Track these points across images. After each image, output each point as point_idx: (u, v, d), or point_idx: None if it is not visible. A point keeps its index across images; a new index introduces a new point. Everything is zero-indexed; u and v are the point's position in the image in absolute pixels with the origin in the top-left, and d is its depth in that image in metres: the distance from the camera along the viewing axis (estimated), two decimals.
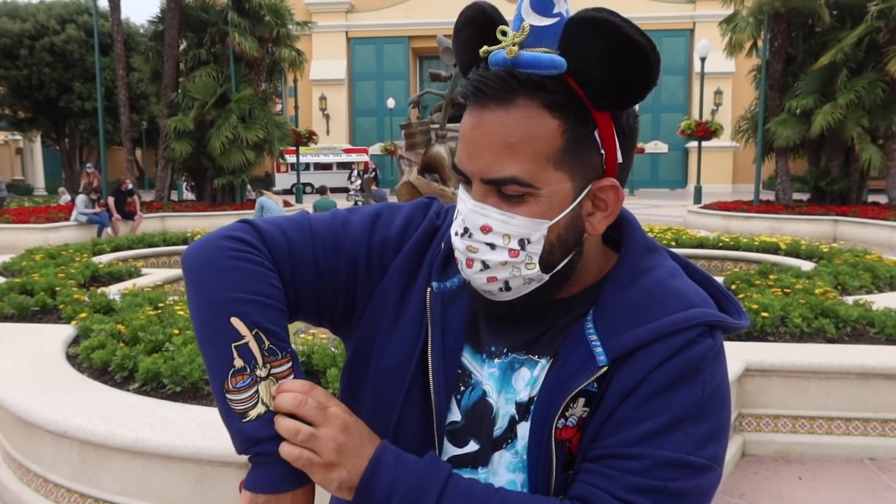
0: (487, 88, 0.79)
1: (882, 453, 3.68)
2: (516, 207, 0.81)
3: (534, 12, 0.79)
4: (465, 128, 0.82)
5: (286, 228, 0.95)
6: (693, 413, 0.81)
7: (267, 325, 0.84)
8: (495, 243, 0.82)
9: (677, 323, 0.83)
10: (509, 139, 0.79)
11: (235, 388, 0.82)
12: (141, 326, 3.94)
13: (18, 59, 29.84)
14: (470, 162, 0.82)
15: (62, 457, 2.91)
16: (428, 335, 0.91)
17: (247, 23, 19.14)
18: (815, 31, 17.82)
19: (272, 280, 0.89)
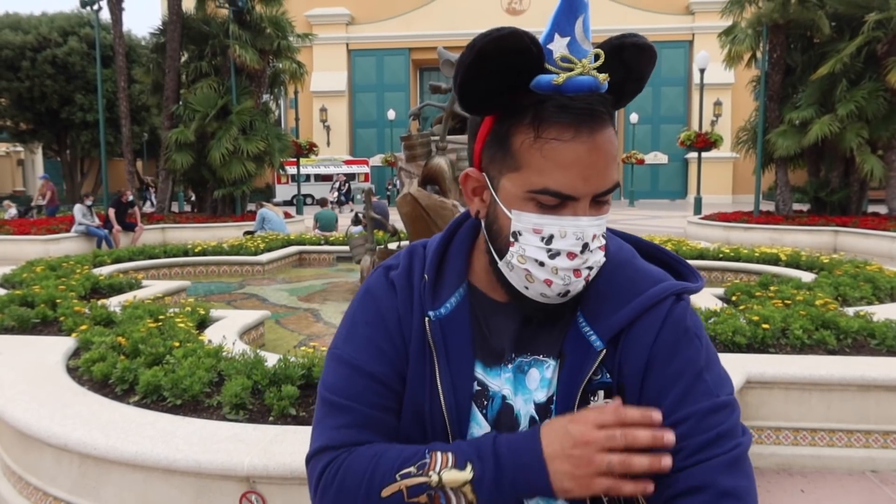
0: (598, 112, 0.86)
1: (884, 465, 3.67)
2: (604, 209, 0.92)
3: (587, 39, 0.88)
4: (575, 155, 0.86)
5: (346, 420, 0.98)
6: (703, 363, 0.94)
7: (386, 465, 0.90)
8: (598, 245, 0.91)
9: (653, 297, 0.95)
10: (615, 152, 0.89)
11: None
12: (141, 339, 3.94)
13: (20, 71, 29.93)
14: (588, 184, 0.87)
15: (62, 470, 2.91)
16: (434, 362, 0.96)
17: (248, 35, 19.22)
18: (813, 43, 17.89)
19: (373, 447, 0.94)
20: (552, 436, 0.86)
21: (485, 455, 0.87)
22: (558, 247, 0.88)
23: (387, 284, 1.03)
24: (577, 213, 0.88)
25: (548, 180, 0.86)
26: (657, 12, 40.38)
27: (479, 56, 0.84)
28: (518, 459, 0.86)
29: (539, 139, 0.86)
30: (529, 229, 0.89)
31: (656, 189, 41.20)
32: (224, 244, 10.41)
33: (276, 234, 11.92)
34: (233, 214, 19.50)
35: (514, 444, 0.88)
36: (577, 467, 0.84)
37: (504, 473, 0.86)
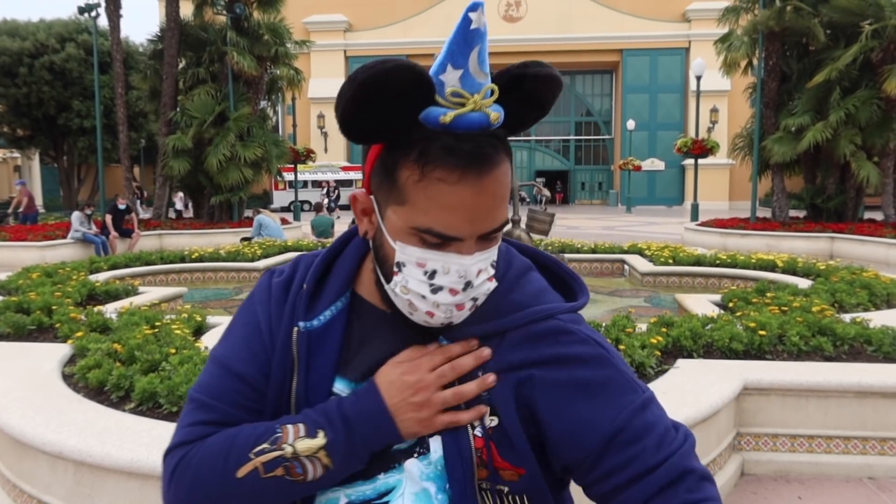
0: (485, 154, 0.83)
1: (881, 472, 3.67)
2: (493, 243, 0.90)
3: (482, 71, 0.83)
4: (460, 199, 0.83)
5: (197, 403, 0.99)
6: (610, 372, 0.94)
7: (239, 446, 0.91)
8: (483, 279, 0.90)
9: (507, 324, 0.94)
10: (506, 191, 0.87)
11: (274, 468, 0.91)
12: (137, 346, 3.93)
13: (18, 78, 29.95)
14: (473, 226, 0.85)
15: (57, 478, 2.89)
16: (294, 373, 0.96)
17: (245, 42, 19.27)
18: (809, 50, 17.98)
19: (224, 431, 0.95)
20: (391, 389, 0.91)
21: (334, 419, 0.91)
22: (441, 282, 0.87)
23: (267, 290, 1.04)
24: (461, 251, 0.86)
25: (432, 221, 0.84)
26: (654, 20, 40.55)
27: (362, 89, 0.79)
28: (366, 417, 0.91)
29: (424, 178, 0.83)
30: (413, 262, 0.87)
31: (653, 195, 41.28)
32: (221, 250, 10.40)
33: (273, 241, 11.91)
34: (230, 220, 19.50)
35: (358, 404, 0.92)
36: (420, 411, 0.91)
37: (355, 433, 0.91)
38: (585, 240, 11.65)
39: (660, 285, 8.56)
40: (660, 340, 4.08)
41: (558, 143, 47.01)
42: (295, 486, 0.92)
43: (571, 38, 40.59)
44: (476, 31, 0.81)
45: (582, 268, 9.88)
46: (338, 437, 0.90)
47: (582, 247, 10.44)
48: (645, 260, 9.37)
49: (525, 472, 0.92)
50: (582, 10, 40.77)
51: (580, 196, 46.85)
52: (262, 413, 0.97)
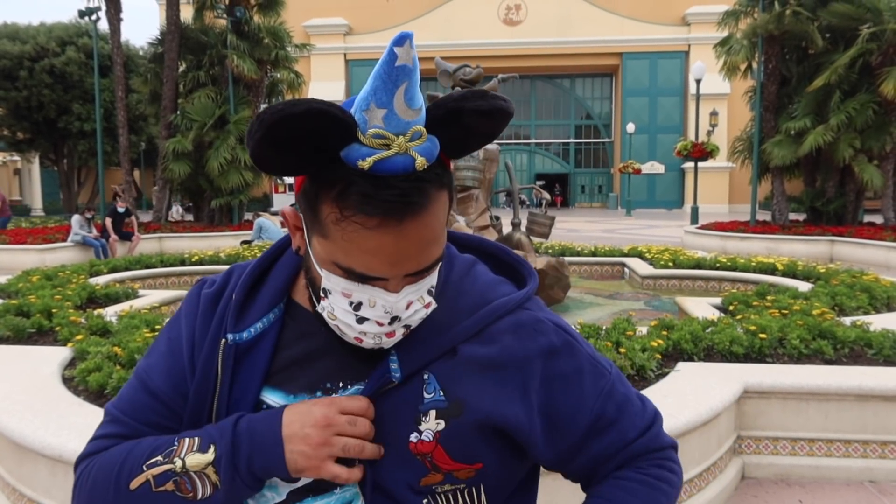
0: (407, 203, 0.76)
1: (882, 476, 3.66)
2: (426, 277, 0.85)
3: (410, 109, 0.76)
4: (379, 244, 0.78)
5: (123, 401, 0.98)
6: (578, 357, 0.96)
7: (135, 458, 0.89)
8: (416, 308, 0.86)
9: (459, 338, 0.91)
10: (433, 234, 0.81)
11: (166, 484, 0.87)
12: (137, 349, 3.92)
13: (18, 81, 29.97)
14: (394, 268, 0.80)
15: (57, 482, 2.89)
16: (217, 386, 0.93)
17: (245, 45, 19.29)
18: (808, 54, 18.01)
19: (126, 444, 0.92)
20: (294, 416, 0.87)
21: (225, 434, 0.87)
22: (366, 314, 0.83)
23: (195, 303, 1.00)
24: (387, 288, 0.82)
25: (352, 261, 0.80)
26: (653, 23, 40.60)
27: (269, 132, 0.73)
28: (255, 438, 0.86)
29: (344, 220, 0.77)
30: (339, 291, 0.83)
31: (653, 199, 41.30)
32: (221, 253, 10.39)
33: (273, 244, 11.89)
34: (230, 223, 19.50)
35: (254, 423, 0.87)
36: (314, 448, 0.85)
37: (240, 452, 0.86)
38: (585, 243, 11.65)
39: (660, 288, 8.56)
40: (660, 343, 4.07)
41: (558, 146, 47.04)
42: (187, 502, 0.87)
43: (571, 42, 40.65)
44: (402, 69, 0.74)
45: (582, 271, 9.88)
46: (224, 454, 0.86)
47: (582, 250, 10.44)
48: (645, 263, 9.37)
49: (482, 465, 0.91)
50: (581, 13, 40.83)
51: (580, 199, 46.86)
52: (172, 430, 0.94)
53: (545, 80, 45.34)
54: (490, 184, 7.61)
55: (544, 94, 46.14)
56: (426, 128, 0.78)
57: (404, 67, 0.74)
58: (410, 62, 0.74)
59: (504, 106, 0.80)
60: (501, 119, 0.81)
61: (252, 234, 13.95)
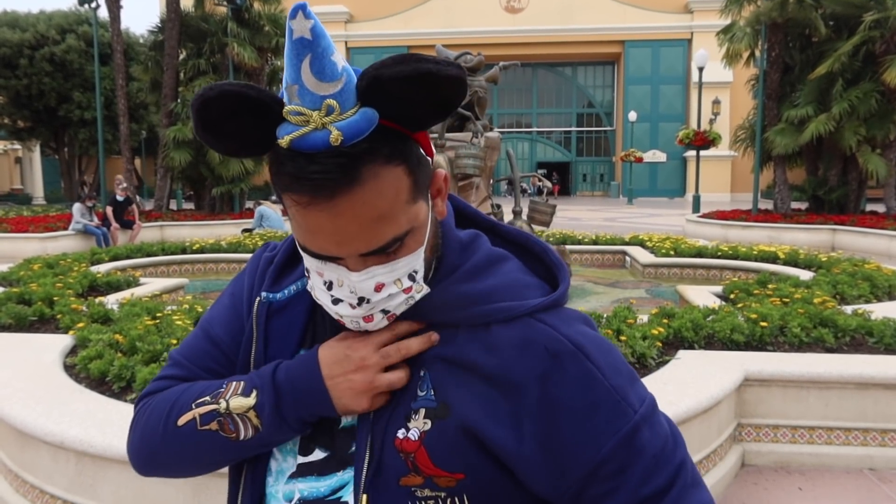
0: (330, 180, 0.73)
1: (882, 463, 3.67)
2: (396, 254, 0.82)
3: (322, 82, 0.73)
4: (316, 222, 0.77)
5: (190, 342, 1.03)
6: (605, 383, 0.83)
7: (187, 397, 0.93)
8: (391, 292, 0.83)
9: (463, 321, 0.87)
10: (377, 211, 0.77)
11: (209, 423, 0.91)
12: (139, 336, 3.93)
13: (18, 69, 29.91)
14: (341, 248, 0.79)
15: (59, 468, 2.90)
16: (252, 342, 0.96)
17: (246, 33, 19.23)
18: (811, 42, 17.93)
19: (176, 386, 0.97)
20: (331, 361, 0.88)
21: (265, 383, 0.89)
22: (337, 295, 0.83)
23: (256, 261, 1.05)
24: (348, 267, 0.81)
25: (304, 240, 0.81)
26: (656, 11, 40.40)
27: (198, 115, 0.77)
28: (297, 385, 0.88)
29: (286, 198, 0.78)
30: (314, 270, 0.84)
31: (655, 187, 41.25)
32: (222, 242, 10.39)
33: (274, 232, 11.90)
34: (231, 212, 19.50)
35: (293, 370, 0.90)
36: (359, 389, 0.86)
37: (284, 399, 0.88)
38: (587, 231, 11.65)
39: (661, 277, 8.56)
40: (661, 332, 4.08)
41: (560, 135, 46.93)
42: (228, 444, 0.90)
43: (573, 30, 40.46)
44: (300, 41, 0.72)
45: (583, 259, 9.88)
46: (266, 400, 0.88)
47: (583, 238, 10.43)
48: (646, 251, 9.36)
49: (464, 476, 0.84)
50: (583, 0, 40.62)
51: (582, 188, 46.81)
52: (226, 377, 0.99)
53: (547, 68, 45.17)
54: (491, 172, 7.59)
55: (546, 82, 45.98)
56: (361, 100, 0.75)
57: (301, 40, 0.72)
58: (308, 33, 0.72)
59: (434, 69, 0.72)
60: (436, 84, 0.73)
61: (253, 222, 13.94)
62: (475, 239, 0.95)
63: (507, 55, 30.97)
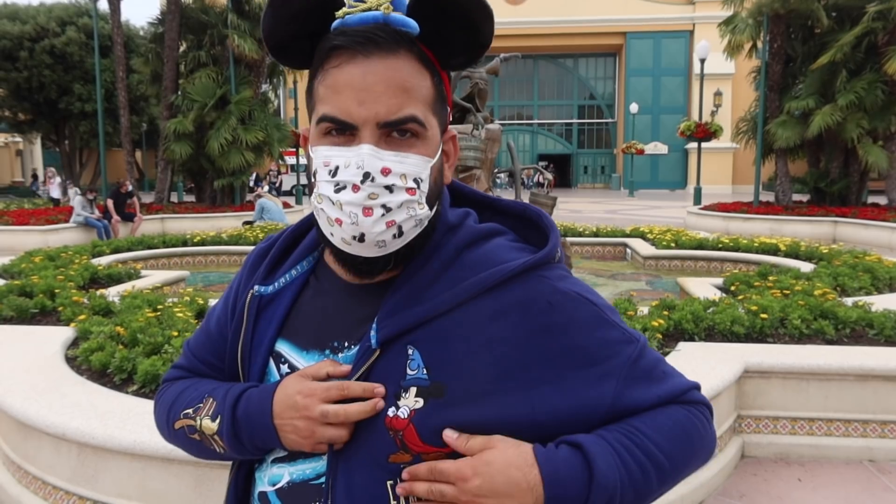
0: (377, 37, 0.84)
1: (881, 455, 3.68)
2: (408, 148, 0.86)
3: None
4: (348, 77, 0.84)
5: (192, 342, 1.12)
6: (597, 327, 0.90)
7: (181, 401, 1.03)
8: (395, 184, 0.85)
9: (461, 294, 0.88)
10: (405, 83, 0.85)
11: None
12: (140, 328, 3.94)
13: (18, 62, 29.86)
14: (363, 108, 0.84)
15: (61, 459, 2.91)
16: (241, 333, 1.01)
17: (246, 25, 19.15)
18: (814, 33, 17.85)
19: (180, 383, 1.08)
20: (283, 405, 0.91)
21: (226, 414, 0.95)
22: (342, 178, 0.84)
23: (252, 255, 1.09)
24: (360, 142, 0.84)
25: (326, 107, 0.86)
26: (658, 2, 40.22)
27: (271, 5, 0.87)
28: (251, 421, 0.94)
29: (323, 71, 0.87)
30: (321, 163, 0.87)
31: (656, 179, 41.17)
32: (223, 234, 10.41)
33: (275, 224, 11.91)
34: (231, 204, 19.49)
35: (251, 406, 0.94)
36: (302, 436, 0.90)
37: (239, 431, 0.94)
38: (588, 223, 11.64)
39: (662, 269, 8.56)
40: (661, 323, 4.08)
41: (561, 127, 46.83)
42: (213, 452, 1.00)
43: (574, 21, 40.31)
44: None
45: (584, 251, 9.88)
46: (225, 430, 0.95)
47: (584, 230, 10.42)
48: (647, 244, 9.36)
49: (451, 451, 0.86)
50: None
51: (583, 180, 46.74)
52: (219, 368, 1.07)
53: (548, 60, 45.04)
54: (492, 164, 7.58)
55: (547, 74, 45.85)
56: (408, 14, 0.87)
57: None
58: None
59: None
60: (469, 9, 0.86)
61: (254, 214, 13.95)
62: (463, 218, 0.97)
63: (508, 47, 30.85)
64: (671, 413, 0.91)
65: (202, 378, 1.07)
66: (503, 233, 0.97)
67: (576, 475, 0.83)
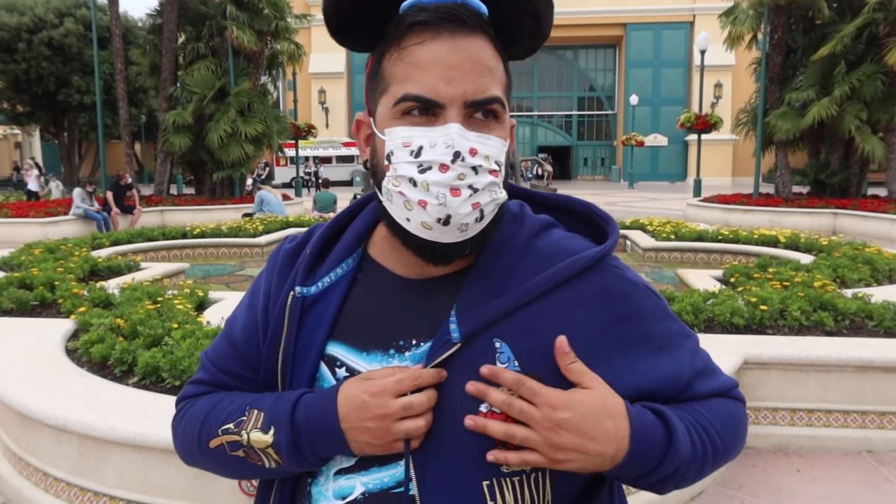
0: (460, 15, 0.82)
1: (880, 446, 3.69)
2: (489, 130, 0.84)
3: None
4: (434, 54, 0.81)
5: (210, 354, 1.04)
6: (651, 322, 0.92)
7: (215, 418, 0.95)
8: (481, 165, 0.82)
9: (542, 284, 0.87)
10: (488, 62, 0.84)
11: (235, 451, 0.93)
12: (140, 320, 3.95)
13: (17, 53, 29.77)
14: (451, 86, 0.81)
15: (62, 451, 2.92)
16: (282, 338, 0.94)
17: (245, 16, 19.07)
18: (815, 24, 17.78)
19: (208, 399, 0.99)
20: (349, 405, 0.85)
21: (283, 422, 0.88)
22: (428, 157, 0.80)
23: (275, 257, 1.03)
24: (447, 121, 0.81)
25: (408, 86, 0.82)
26: None
27: None
28: (315, 425, 0.87)
29: (400, 49, 0.83)
30: (399, 144, 0.82)
31: (656, 171, 41.12)
32: (223, 226, 10.39)
33: (274, 217, 11.90)
34: (231, 196, 19.47)
35: (311, 409, 0.88)
36: (375, 437, 0.85)
37: (301, 440, 0.88)
38: None
39: (661, 261, 8.56)
40: None
41: (561, 119, 46.74)
42: (259, 469, 0.92)
43: (574, 12, 40.15)
44: None
45: None
46: (283, 441, 0.88)
47: None
48: (647, 235, 9.36)
49: None
50: None
51: (582, 172, 46.68)
52: (247, 379, 0.99)
53: (548, 52, 44.89)
54: None
55: (547, 65, 45.71)
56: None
57: None
58: None
59: None
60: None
61: (254, 206, 13.93)
62: (522, 208, 0.98)
63: None
64: (724, 404, 0.97)
65: (231, 391, 0.99)
66: (556, 225, 0.98)
67: (658, 439, 0.85)
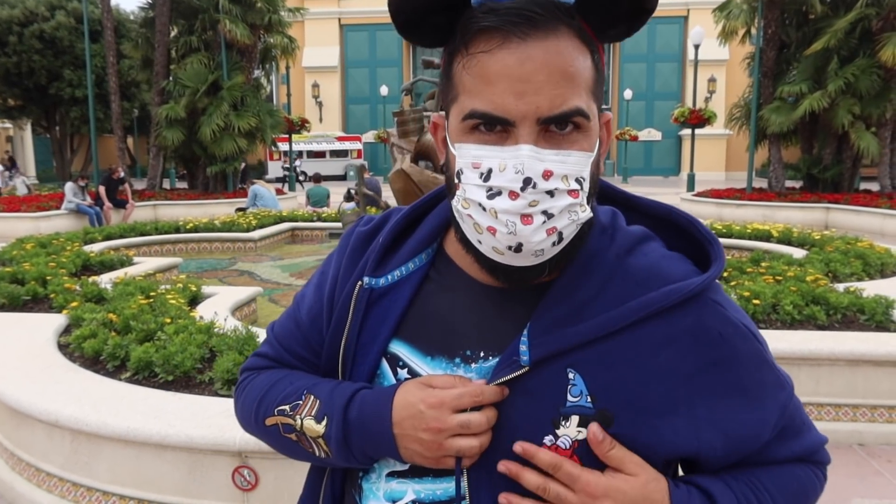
0: (534, 15, 0.71)
1: (871, 439, 3.71)
2: (570, 144, 0.75)
3: None
4: (502, 66, 0.72)
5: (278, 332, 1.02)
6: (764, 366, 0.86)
7: (273, 396, 0.93)
8: (557, 188, 0.74)
9: (639, 309, 0.79)
10: (567, 68, 0.73)
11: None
12: (133, 315, 3.93)
13: (7, 46, 29.51)
14: (522, 102, 0.72)
15: (54, 446, 2.91)
16: (346, 328, 0.90)
17: (238, 10, 18.97)
18: (808, 19, 17.80)
19: (272, 374, 0.97)
20: (404, 412, 0.81)
21: (336, 416, 0.85)
22: (497, 183, 0.73)
23: (347, 239, 0.98)
24: (517, 141, 0.73)
25: (475, 101, 0.74)
26: None
27: None
28: (367, 425, 0.83)
29: (468, 56, 0.74)
30: (469, 164, 0.75)
31: (650, 166, 41.19)
32: (216, 221, 10.37)
33: (268, 211, 11.87)
34: (224, 191, 19.40)
35: (365, 408, 0.84)
36: (427, 449, 0.80)
37: (352, 437, 0.84)
38: None
39: None
40: None
41: None
42: (310, 455, 0.90)
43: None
44: None
45: None
46: (334, 435, 0.85)
47: None
48: None
49: None
50: None
51: None
52: (309, 362, 0.96)
53: None
54: None
55: None
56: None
57: None
58: None
59: None
60: None
61: (247, 201, 13.90)
62: (614, 219, 0.89)
63: None
64: (797, 474, 0.90)
65: (292, 370, 0.96)
66: (653, 238, 0.89)
67: None
